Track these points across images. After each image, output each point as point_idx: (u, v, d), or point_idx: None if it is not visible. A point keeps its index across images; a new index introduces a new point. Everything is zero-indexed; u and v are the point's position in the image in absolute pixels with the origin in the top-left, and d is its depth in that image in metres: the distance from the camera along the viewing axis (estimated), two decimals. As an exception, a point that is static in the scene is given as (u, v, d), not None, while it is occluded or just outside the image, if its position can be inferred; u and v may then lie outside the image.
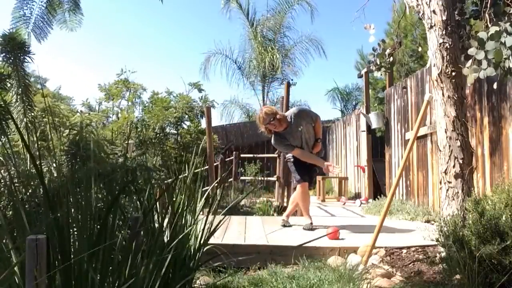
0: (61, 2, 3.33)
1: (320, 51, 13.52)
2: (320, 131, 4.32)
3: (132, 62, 43.30)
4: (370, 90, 9.00)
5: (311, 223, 4.13)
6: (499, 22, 2.57)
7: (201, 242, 2.12)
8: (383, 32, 9.93)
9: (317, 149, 4.29)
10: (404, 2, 3.24)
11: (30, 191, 1.63)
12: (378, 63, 4.24)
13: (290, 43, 13.78)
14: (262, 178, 8.81)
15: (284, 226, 4.19)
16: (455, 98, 2.73)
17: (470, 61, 2.64)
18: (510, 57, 2.46)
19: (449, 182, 2.69)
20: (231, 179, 8.30)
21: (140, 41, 37.60)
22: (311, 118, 4.23)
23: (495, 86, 3.15)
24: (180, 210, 2.02)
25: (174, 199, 2.06)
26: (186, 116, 9.70)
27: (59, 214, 1.38)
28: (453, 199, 2.66)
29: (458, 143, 2.69)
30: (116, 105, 11.32)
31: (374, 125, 7.50)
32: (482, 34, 2.57)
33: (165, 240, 1.85)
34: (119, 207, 1.61)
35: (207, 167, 6.44)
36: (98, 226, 1.46)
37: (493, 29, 2.52)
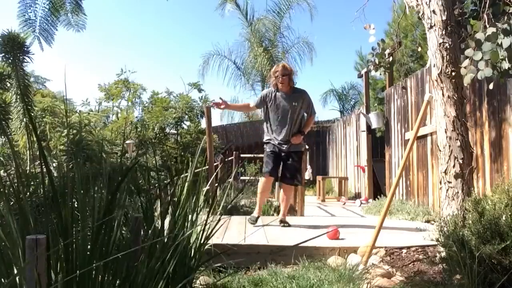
0: (63, 3, 3.33)
1: (313, 53, 13.78)
2: (308, 126, 4.27)
3: (132, 62, 43.37)
4: (370, 90, 9.00)
5: (258, 217, 4.26)
6: (497, 23, 2.57)
7: (201, 242, 2.12)
8: (383, 32, 9.93)
9: (297, 140, 4.14)
10: (404, 2, 3.24)
11: (30, 190, 1.63)
12: (377, 62, 4.24)
13: (288, 43, 13.85)
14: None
15: (284, 226, 4.18)
16: (455, 98, 2.73)
17: (467, 61, 2.64)
18: (506, 58, 2.46)
19: (449, 182, 2.69)
20: (231, 179, 8.29)
21: (140, 41, 37.64)
22: (310, 109, 4.23)
23: (491, 86, 3.15)
24: (180, 210, 2.02)
25: (174, 199, 2.06)
26: (186, 116, 9.69)
27: (63, 212, 1.38)
28: (453, 199, 2.66)
29: (458, 143, 2.69)
30: (116, 105, 11.30)
31: (374, 125, 7.50)
32: (479, 35, 2.58)
33: (166, 239, 1.85)
34: (119, 205, 1.61)
35: (207, 167, 6.42)
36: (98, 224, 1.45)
37: (490, 30, 2.53)
